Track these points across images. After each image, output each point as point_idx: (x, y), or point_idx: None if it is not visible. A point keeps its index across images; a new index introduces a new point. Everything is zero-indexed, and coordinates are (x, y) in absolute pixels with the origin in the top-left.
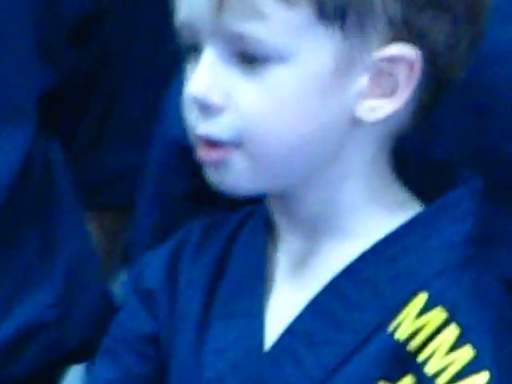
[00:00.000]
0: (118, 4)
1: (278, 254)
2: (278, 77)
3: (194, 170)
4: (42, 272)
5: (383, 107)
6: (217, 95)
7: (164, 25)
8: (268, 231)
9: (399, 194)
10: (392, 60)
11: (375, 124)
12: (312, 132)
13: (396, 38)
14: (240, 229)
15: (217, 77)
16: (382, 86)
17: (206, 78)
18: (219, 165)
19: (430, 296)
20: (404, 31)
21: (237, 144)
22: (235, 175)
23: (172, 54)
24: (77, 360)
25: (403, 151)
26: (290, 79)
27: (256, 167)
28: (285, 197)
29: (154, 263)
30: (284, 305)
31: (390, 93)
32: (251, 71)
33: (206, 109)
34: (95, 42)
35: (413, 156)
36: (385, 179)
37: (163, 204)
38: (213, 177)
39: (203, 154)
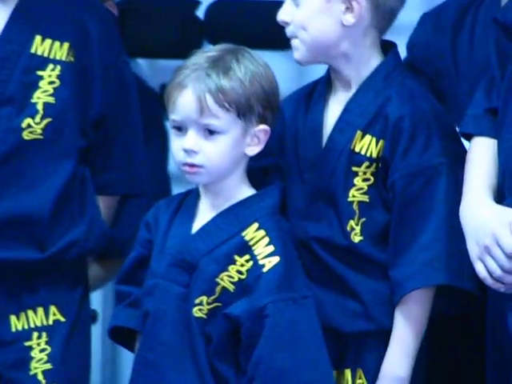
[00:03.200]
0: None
1: (202, 205)
2: (221, 139)
3: None
4: (80, 220)
5: (255, 150)
6: (195, 148)
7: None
8: (198, 199)
9: (248, 185)
10: (259, 131)
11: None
12: (232, 161)
13: (261, 122)
14: (184, 198)
15: (195, 140)
16: (255, 141)
17: (191, 141)
18: (194, 174)
19: (259, 224)
20: (264, 120)
21: (202, 166)
22: (200, 178)
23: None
24: (94, 253)
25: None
26: (226, 141)
27: (209, 175)
28: (212, 183)
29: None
30: (203, 220)
31: (258, 144)
32: (210, 137)
33: (191, 152)
34: (102, 128)
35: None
36: (244, 178)
37: None
38: (190, 178)
39: (187, 170)
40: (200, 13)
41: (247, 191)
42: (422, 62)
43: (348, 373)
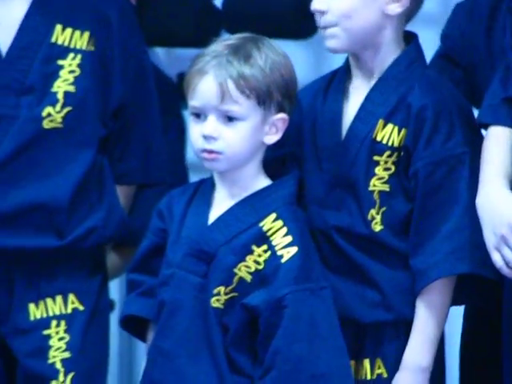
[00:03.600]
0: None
1: (217, 195)
2: (241, 126)
3: None
4: (98, 207)
5: (273, 139)
6: (215, 134)
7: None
8: (213, 188)
9: (264, 175)
10: (277, 120)
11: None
12: (251, 148)
13: (279, 111)
14: (198, 187)
15: (215, 126)
16: (273, 130)
17: (211, 127)
18: (212, 161)
19: (276, 214)
20: (283, 108)
21: (221, 153)
22: (219, 165)
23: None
24: (112, 241)
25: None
26: (245, 127)
27: (227, 162)
28: (229, 172)
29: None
30: (220, 209)
31: (276, 133)
32: (230, 123)
33: (211, 138)
34: (121, 117)
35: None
36: (261, 168)
37: None
38: (209, 165)
39: (206, 156)
40: (218, 1)
41: (263, 181)
42: (456, 52)
43: (367, 363)
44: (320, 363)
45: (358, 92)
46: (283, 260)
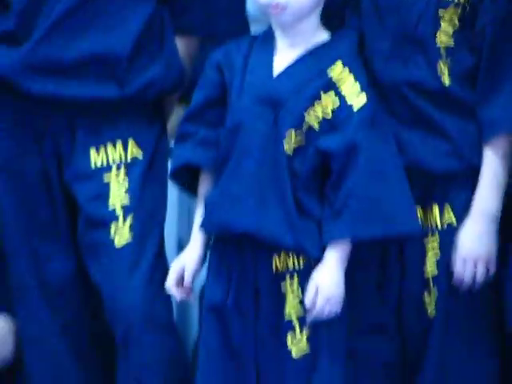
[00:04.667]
0: None
1: (280, 45)
2: None
3: None
4: (158, 59)
5: None
6: None
7: None
8: (273, 39)
9: (323, 27)
10: None
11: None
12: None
13: None
14: (254, 40)
15: None
16: None
17: None
18: (279, 13)
19: (342, 62)
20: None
21: (288, 5)
22: (286, 18)
23: None
24: (172, 93)
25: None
26: None
27: (293, 14)
28: (293, 24)
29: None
30: (284, 59)
31: None
32: None
33: None
34: None
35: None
36: (319, 21)
37: None
38: (275, 18)
39: (272, 9)
40: None
41: (323, 32)
42: None
43: (436, 208)
44: (392, 206)
45: None
46: (355, 106)
